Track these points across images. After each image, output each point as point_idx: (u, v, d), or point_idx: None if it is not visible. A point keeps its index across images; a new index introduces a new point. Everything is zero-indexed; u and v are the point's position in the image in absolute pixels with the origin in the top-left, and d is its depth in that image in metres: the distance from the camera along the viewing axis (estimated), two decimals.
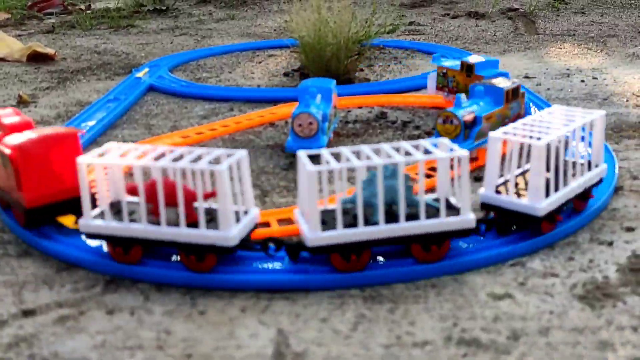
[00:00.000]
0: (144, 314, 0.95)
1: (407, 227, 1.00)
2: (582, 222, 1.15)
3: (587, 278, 1.00)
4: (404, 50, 2.73)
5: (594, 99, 1.90)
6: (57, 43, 3.12)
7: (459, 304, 0.95)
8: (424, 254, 1.03)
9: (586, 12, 3.43)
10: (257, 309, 0.95)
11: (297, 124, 1.47)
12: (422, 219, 1.00)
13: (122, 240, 1.03)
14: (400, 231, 1.00)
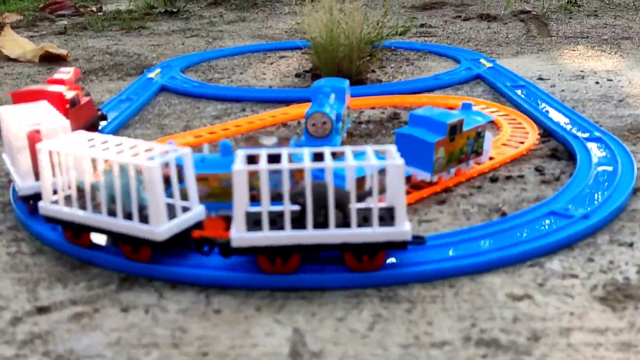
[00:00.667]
0: (159, 312, 0.94)
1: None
2: (601, 224, 1.13)
3: (608, 279, 0.98)
4: (416, 52, 2.72)
5: (609, 101, 1.88)
6: (69, 44, 3.12)
7: (477, 305, 0.93)
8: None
9: (599, 14, 3.41)
10: (272, 307, 0.94)
11: (311, 123, 1.46)
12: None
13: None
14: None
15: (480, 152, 1.41)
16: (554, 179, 1.36)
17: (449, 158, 1.32)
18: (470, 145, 1.37)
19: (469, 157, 1.38)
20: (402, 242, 0.98)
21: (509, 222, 1.14)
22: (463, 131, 1.33)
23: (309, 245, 0.97)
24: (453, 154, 1.33)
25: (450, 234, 1.11)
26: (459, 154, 1.35)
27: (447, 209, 1.25)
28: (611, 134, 1.54)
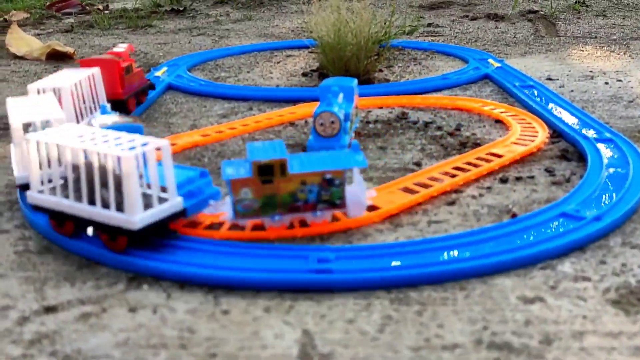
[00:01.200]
0: (167, 312, 0.93)
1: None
2: (613, 226, 1.12)
3: (620, 282, 0.97)
4: (423, 52, 2.70)
5: (619, 101, 1.87)
6: (75, 42, 3.11)
7: (488, 307, 0.92)
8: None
9: (607, 14, 3.40)
10: (281, 309, 0.94)
11: (319, 122, 1.45)
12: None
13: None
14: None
15: (339, 204, 1.17)
16: (564, 180, 1.35)
17: (265, 202, 1.14)
18: (314, 192, 1.14)
19: (315, 207, 1.15)
20: (134, 231, 1.01)
21: (519, 223, 1.13)
22: (290, 174, 1.12)
23: (72, 215, 1.07)
24: (275, 198, 1.14)
25: (461, 235, 1.10)
26: (288, 200, 1.15)
27: (457, 210, 1.24)
28: (622, 134, 1.53)
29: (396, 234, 1.15)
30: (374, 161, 1.48)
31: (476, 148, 1.52)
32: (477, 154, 1.47)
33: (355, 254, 1.04)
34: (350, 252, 1.05)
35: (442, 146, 1.57)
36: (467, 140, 1.59)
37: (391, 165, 1.46)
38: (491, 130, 1.67)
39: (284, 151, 1.14)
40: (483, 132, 1.66)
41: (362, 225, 1.18)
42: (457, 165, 1.41)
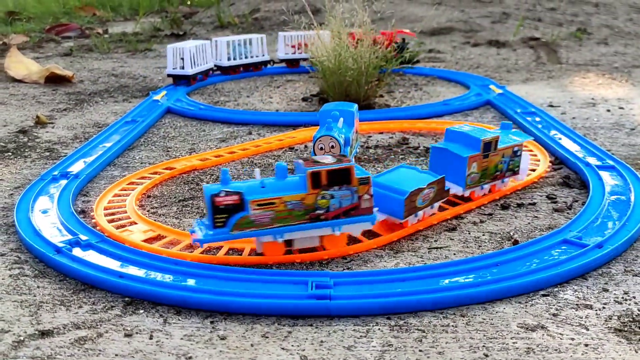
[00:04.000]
0: (164, 338, 0.91)
1: None
2: (615, 253, 1.11)
3: (623, 310, 0.96)
4: (424, 77, 2.70)
5: (621, 129, 1.86)
6: (74, 66, 3.11)
7: (489, 335, 0.91)
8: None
9: (609, 42, 3.40)
10: (279, 335, 0.92)
11: (319, 147, 1.44)
12: None
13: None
14: None
15: (517, 171, 1.43)
16: (566, 207, 1.34)
17: (482, 174, 1.35)
18: (506, 163, 1.39)
19: (504, 175, 1.40)
20: None
21: (521, 250, 1.11)
22: (498, 148, 1.35)
23: None
24: (487, 171, 1.36)
25: (462, 261, 1.08)
26: (493, 171, 1.37)
27: (458, 236, 1.22)
28: (624, 162, 1.52)
29: (396, 260, 1.13)
30: None
31: None
32: None
33: (354, 280, 1.03)
34: (349, 278, 1.04)
35: None
36: None
37: None
38: None
39: (488, 132, 1.36)
40: None
41: (361, 251, 1.17)
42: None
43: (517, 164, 1.42)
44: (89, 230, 1.22)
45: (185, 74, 2.57)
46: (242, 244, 1.18)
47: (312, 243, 1.15)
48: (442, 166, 1.34)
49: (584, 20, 3.83)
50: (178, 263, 1.09)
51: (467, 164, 1.31)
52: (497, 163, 1.37)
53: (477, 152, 1.32)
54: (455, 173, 1.32)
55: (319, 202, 1.09)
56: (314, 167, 1.08)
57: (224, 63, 2.78)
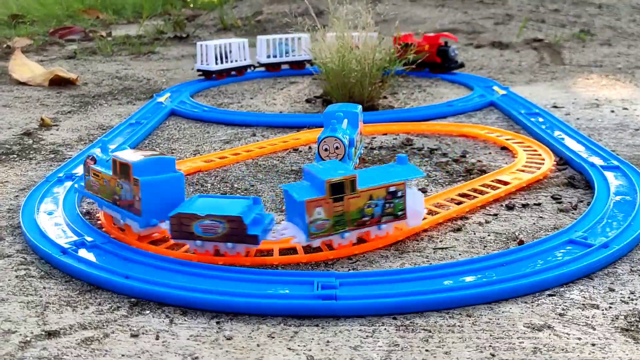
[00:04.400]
0: (170, 338, 0.91)
1: None
2: (621, 253, 1.11)
3: (629, 310, 0.96)
4: (427, 79, 2.70)
5: (625, 129, 1.86)
6: (78, 68, 3.12)
7: (496, 334, 0.91)
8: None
9: (612, 43, 3.40)
10: (285, 335, 0.92)
11: (324, 148, 1.44)
12: None
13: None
14: None
15: (402, 215, 1.18)
16: (571, 208, 1.34)
17: (336, 220, 1.13)
18: (379, 206, 1.16)
19: (379, 220, 1.17)
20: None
21: (526, 250, 1.11)
22: (360, 190, 1.14)
23: None
24: (345, 216, 1.14)
25: (467, 261, 1.08)
26: (357, 216, 1.14)
27: (463, 237, 1.22)
28: (629, 162, 1.52)
29: (402, 261, 1.13)
30: None
31: (482, 175, 1.51)
32: (483, 180, 1.46)
33: (360, 280, 1.03)
34: (355, 278, 1.04)
35: (447, 173, 1.56)
36: (472, 167, 1.59)
37: None
38: (497, 157, 1.67)
39: (347, 169, 1.17)
40: (489, 159, 1.65)
41: (367, 251, 1.17)
42: (463, 192, 1.40)
43: (399, 207, 1.17)
44: (94, 231, 1.22)
45: (208, 69, 2.69)
46: None
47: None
48: (291, 210, 1.16)
49: (587, 21, 3.83)
50: (183, 264, 1.09)
51: (304, 208, 1.11)
52: (361, 207, 1.15)
53: (322, 195, 1.11)
54: (299, 219, 1.13)
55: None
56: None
57: (262, 60, 2.85)
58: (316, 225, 1.12)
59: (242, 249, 1.12)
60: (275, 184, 1.51)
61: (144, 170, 1.15)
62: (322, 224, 1.12)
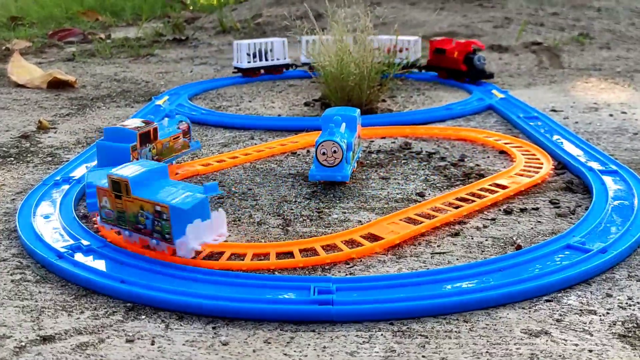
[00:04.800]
0: (165, 343, 0.91)
1: None
2: (619, 258, 1.11)
3: (627, 316, 0.95)
4: (427, 82, 2.70)
5: (624, 133, 1.86)
6: (77, 71, 3.11)
7: (493, 340, 0.90)
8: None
9: (611, 47, 3.40)
10: (281, 340, 0.92)
11: (321, 152, 1.44)
12: None
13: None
14: None
15: (168, 239, 1.11)
16: (569, 212, 1.33)
17: (119, 216, 1.16)
18: (150, 219, 1.12)
19: (151, 234, 1.13)
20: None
21: (524, 255, 1.11)
22: (133, 196, 1.13)
23: None
24: (125, 216, 1.15)
25: (465, 266, 1.08)
26: (134, 220, 1.14)
27: (461, 241, 1.22)
28: (627, 167, 1.51)
29: (399, 266, 1.13)
30: (376, 191, 1.47)
31: (480, 179, 1.51)
32: (481, 184, 1.45)
33: (357, 286, 1.02)
34: (351, 283, 1.03)
35: (445, 177, 1.55)
36: (470, 171, 1.58)
37: (394, 196, 1.44)
38: (495, 161, 1.66)
39: (142, 171, 1.15)
40: (487, 162, 1.65)
41: (364, 256, 1.16)
42: (461, 196, 1.40)
43: (165, 229, 1.10)
44: (91, 236, 1.21)
45: (239, 67, 2.81)
46: (244, 249, 1.18)
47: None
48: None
49: (586, 24, 3.83)
50: (179, 268, 1.09)
51: (95, 192, 1.19)
52: (135, 213, 1.13)
53: (106, 187, 1.16)
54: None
55: None
56: None
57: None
58: (105, 212, 1.18)
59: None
60: (273, 187, 1.51)
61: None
62: (109, 213, 1.18)
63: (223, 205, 1.41)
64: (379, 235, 1.22)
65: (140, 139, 1.46)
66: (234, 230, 1.28)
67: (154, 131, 1.50)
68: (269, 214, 1.36)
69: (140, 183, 1.13)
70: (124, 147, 1.42)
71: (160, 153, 1.54)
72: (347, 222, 1.31)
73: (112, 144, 1.43)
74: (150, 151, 1.50)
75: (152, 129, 1.50)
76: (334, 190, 1.48)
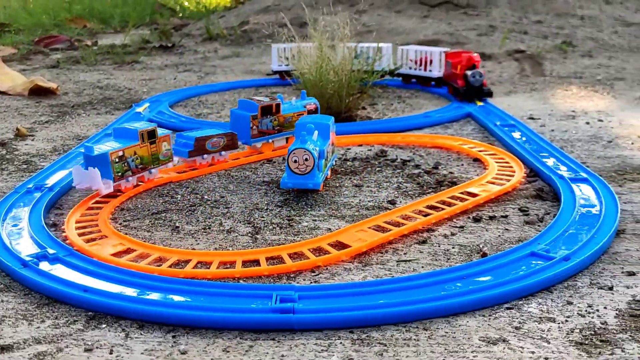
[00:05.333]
0: (124, 352, 0.91)
1: None
2: (582, 265, 1.11)
3: (585, 323, 0.96)
4: (408, 90, 2.71)
5: (598, 141, 1.87)
6: (60, 77, 3.11)
7: (451, 348, 0.91)
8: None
9: (593, 55, 3.41)
10: (240, 349, 0.92)
11: (293, 159, 1.44)
12: None
13: None
14: None
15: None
16: (537, 220, 1.34)
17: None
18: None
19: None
20: None
21: (488, 263, 1.11)
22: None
23: None
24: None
25: (427, 274, 1.08)
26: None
27: (428, 249, 1.22)
28: (598, 175, 1.52)
29: (364, 273, 1.13)
30: (348, 199, 1.47)
31: (452, 187, 1.51)
32: (452, 192, 1.46)
33: (319, 294, 1.03)
34: (314, 291, 1.03)
35: (418, 184, 1.56)
36: (443, 178, 1.59)
37: (365, 204, 1.45)
38: (469, 169, 1.67)
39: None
40: (460, 170, 1.65)
41: (330, 264, 1.16)
42: (431, 204, 1.40)
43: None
44: (57, 244, 1.21)
45: (273, 69, 2.94)
46: (211, 257, 1.18)
47: None
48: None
49: (570, 32, 3.84)
50: (144, 277, 1.09)
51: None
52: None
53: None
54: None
55: None
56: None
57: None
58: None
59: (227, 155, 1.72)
60: (246, 195, 1.51)
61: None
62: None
63: (195, 213, 1.41)
64: (347, 243, 1.22)
65: (261, 111, 1.76)
66: (202, 239, 1.28)
67: (277, 106, 1.80)
68: (240, 221, 1.37)
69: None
70: (246, 115, 1.75)
71: (282, 125, 1.83)
72: (317, 230, 1.32)
73: (240, 112, 1.77)
74: (271, 122, 1.80)
75: (275, 104, 1.79)
76: (306, 198, 1.48)
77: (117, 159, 1.47)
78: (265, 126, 1.79)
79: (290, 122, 1.84)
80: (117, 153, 1.47)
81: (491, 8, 4.27)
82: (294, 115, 1.85)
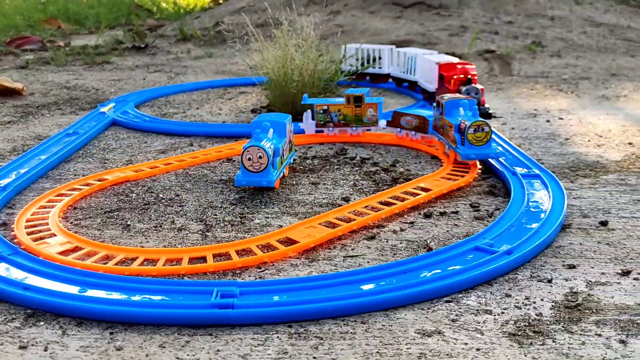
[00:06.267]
0: (59, 349, 0.91)
1: None
2: (524, 259, 1.12)
3: (521, 315, 0.97)
4: (375, 89, 2.71)
5: (556, 139, 1.88)
6: (28, 78, 3.10)
7: (385, 341, 0.91)
8: None
9: (562, 55, 3.43)
10: (176, 344, 0.92)
11: (247, 157, 1.44)
12: None
13: None
14: None
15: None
16: (487, 215, 1.34)
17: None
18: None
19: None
20: None
21: (431, 257, 1.12)
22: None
23: None
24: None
25: (369, 269, 1.09)
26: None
27: (375, 245, 1.23)
28: (551, 171, 1.53)
29: (310, 269, 1.14)
30: (303, 196, 1.48)
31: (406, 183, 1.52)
32: (405, 188, 1.46)
33: (261, 289, 1.03)
34: (256, 287, 1.04)
35: (374, 182, 1.56)
36: (399, 175, 1.59)
37: (320, 201, 1.45)
38: (426, 166, 1.67)
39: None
40: (417, 168, 1.66)
41: (277, 260, 1.17)
42: (384, 200, 1.41)
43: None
44: (2, 243, 1.21)
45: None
46: (158, 254, 1.18)
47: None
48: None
49: (540, 33, 3.86)
50: (87, 274, 1.09)
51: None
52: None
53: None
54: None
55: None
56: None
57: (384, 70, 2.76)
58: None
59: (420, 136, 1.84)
60: (201, 193, 1.51)
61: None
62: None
63: (148, 211, 1.41)
64: (295, 240, 1.23)
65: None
66: (152, 237, 1.28)
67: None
68: (192, 219, 1.37)
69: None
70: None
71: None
72: (268, 227, 1.32)
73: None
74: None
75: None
76: (261, 196, 1.48)
77: (321, 110, 1.90)
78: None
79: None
80: (322, 106, 1.90)
81: (463, 9, 4.29)
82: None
